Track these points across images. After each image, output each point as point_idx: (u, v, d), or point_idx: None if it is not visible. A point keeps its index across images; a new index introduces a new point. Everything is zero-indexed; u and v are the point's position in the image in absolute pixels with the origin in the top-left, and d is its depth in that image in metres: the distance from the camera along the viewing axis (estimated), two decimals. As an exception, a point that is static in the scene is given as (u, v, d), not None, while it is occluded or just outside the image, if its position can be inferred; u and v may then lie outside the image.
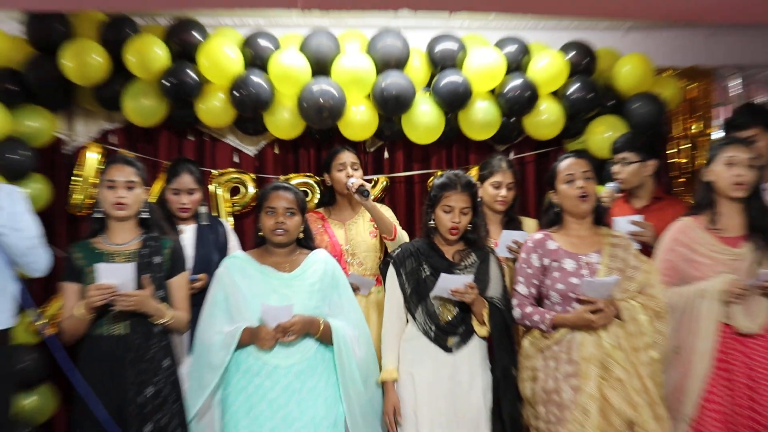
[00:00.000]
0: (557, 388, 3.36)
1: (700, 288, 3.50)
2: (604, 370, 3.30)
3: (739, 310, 3.48)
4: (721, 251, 3.56)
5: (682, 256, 3.62)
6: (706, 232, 3.61)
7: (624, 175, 4.24)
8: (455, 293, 3.41)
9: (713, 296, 3.46)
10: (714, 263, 3.55)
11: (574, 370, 3.33)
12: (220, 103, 4.49)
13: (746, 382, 3.46)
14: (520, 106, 4.65)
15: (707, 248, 3.58)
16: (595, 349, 3.32)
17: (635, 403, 3.26)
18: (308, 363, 3.35)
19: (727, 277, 3.47)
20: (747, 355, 3.48)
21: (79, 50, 4.29)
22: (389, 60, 4.54)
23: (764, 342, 3.49)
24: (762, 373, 3.45)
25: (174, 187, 4.11)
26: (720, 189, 3.60)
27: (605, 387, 3.28)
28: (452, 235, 3.53)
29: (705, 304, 3.47)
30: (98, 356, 3.32)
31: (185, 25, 4.49)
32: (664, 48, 5.26)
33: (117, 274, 3.25)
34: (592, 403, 3.24)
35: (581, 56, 4.77)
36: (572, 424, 3.26)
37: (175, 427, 3.32)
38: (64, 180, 4.63)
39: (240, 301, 3.38)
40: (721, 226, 3.62)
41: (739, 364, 3.47)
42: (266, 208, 3.46)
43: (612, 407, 3.26)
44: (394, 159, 4.94)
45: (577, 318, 3.34)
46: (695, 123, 5.18)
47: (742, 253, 3.54)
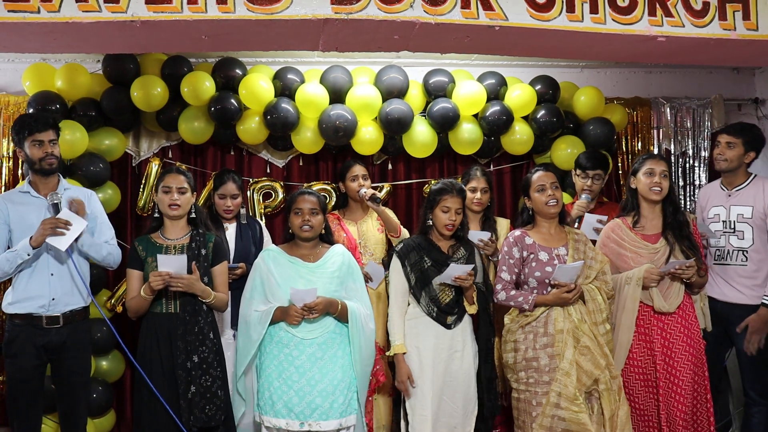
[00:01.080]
0: (536, 357, 3.36)
1: (627, 275, 3.52)
2: (575, 340, 3.32)
3: (657, 293, 3.49)
4: (642, 246, 3.56)
5: (612, 251, 3.60)
6: (631, 231, 3.60)
7: (595, 188, 4.19)
8: (458, 279, 3.38)
9: (635, 282, 3.48)
10: (637, 256, 3.55)
11: (550, 341, 3.34)
12: (256, 125, 4.45)
13: (663, 350, 3.48)
14: (498, 128, 4.59)
15: (631, 244, 3.57)
16: (567, 323, 3.33)
17: (600, 364, 3.29)
18: (328, 336, 3.30)
19: (645, 266, 3.48)
20: (664, 329, 3.50)
21: (145, 83, 4.27)
22: (392, 90, 4.51)
23: (678, 319, 3.51)
24: (676, 344, 3.48)
25: (221, 192, 4.04)
26: (641, 193, 3.60)
27: (576, 354, 3.30)
28: (448, 231, 3.49)
29: (630, 288, 3.49)
30: (156, 329, 3.30)
31: (229, 63, 4.47)
32: (612, 82, 5.26)
33: (173, 264, 3.21)
34: (571, 368, 3.27)
35: (547, 88, 4.71)
36: (557, 384, 3.26)
37: (218, 388, 3.28)
38: (132, 187, 4.60)
39: (273, 286, 3.33)
40: (642, 225, 3.61)
41: (657, 337, 3.50)
42: (294, 209, 3.40)
43: (582, 369, 3.29)
44: (396, 170, 4.89)
45: (555, 298, 3.35)
46: (639, 142, 5.13)
47: (659, 248, 3.54)
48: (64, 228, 3.29)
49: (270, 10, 3.09)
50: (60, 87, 4.24)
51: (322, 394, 3.20)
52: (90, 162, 4.24)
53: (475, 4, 3.25)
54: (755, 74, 5.42)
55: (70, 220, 3.32)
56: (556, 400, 3.26)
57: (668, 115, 5.19)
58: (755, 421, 3.81)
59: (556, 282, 3.34)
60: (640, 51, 3.72)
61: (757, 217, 3.78)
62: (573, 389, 3.23)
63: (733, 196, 3.86)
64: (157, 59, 4.39)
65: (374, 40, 3.44)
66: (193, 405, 3.19)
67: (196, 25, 3.12)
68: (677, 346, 3.46)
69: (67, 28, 3.07)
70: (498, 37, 3.38)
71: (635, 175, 3.62)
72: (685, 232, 3.54)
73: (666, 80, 5.33)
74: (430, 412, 3.37)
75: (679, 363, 3.44)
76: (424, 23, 3.21)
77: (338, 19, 3.13)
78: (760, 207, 3.78)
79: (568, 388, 3.24)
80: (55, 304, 3.38)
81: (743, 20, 3.51)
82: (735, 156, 3.84)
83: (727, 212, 3.87)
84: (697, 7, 3.48)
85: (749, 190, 3.85)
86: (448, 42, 3.50)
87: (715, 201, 3.94)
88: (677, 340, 3.47)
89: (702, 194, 4.12)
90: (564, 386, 3.25)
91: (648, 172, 3.55)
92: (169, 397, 3.21)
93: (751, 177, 3.90)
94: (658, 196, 3.54)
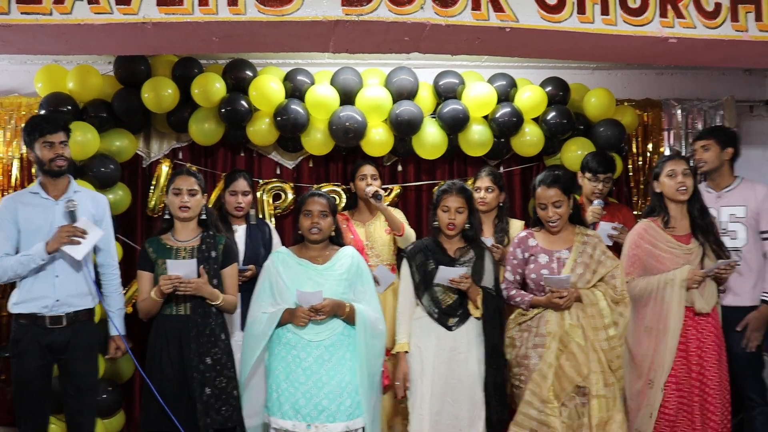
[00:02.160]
0: (527, 355, 3.41)
1: (669, 277, 3.48)
2: (562, 344, 3.33)
3: (698, 295, 3.47)
4: (677, 247, 3.55)
5: (646, 252, 3.58)
6: (663, 232, 3.58)
7: (605, 190, 4.18)
8: (453, 282, 3.38)
9: (678, 284, 3.45)
10: (673, 257, 3.53)
11: (541, 341, 3.38)
12: (266, 127, 4.44)
13: (698, 352, 3.47)
14: (508, 129, 4.58)
15: (666, 245, 3.56)
16: (557, 327, 3.35)
17: (582, 372, 3.28)
18: (336, 338, 3.30)
19: (687, 267, 3.46)
20: (699, 330, 3.49)
21: (156, 85, 4.27)
22: (403, 92, 4.49)
23: (712, 320, 3.52)
24: (710, 345, 3.47)
25: (232, 189, 4.06)
26: (667, 196, 3.59)
27: (561, 358, 3.31)
28: (450, 230, 3.49)
29: (674, 291, 3.45)
30: (167, 331, 3.31)
31: (239, 65, 4.46)
32: (623, 84, 5.23)
33: (183, 268, 3.23)
34: (549, 370, 3.29)
35: (557, 89, 4.70)
36: (532, 383, 3.30)
37: (232, 389, 3.31)
38: (142, 188, 4.61)
39: (282, 288, 3.34)
40: (673, 226, 3.59)
41: (693, 339, 3.48)
42: (304, 211, 3.41)
43: (565, 374, 3.30)
44: (406, 171, 4.87)
45: (547, 301, 3.38)
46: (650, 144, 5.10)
47: (692, 248, 3.54)
48: (81, 237, 3.30)
49: (281, 11, 3.10)
50: (72, 88, 4.25)
51: (329, 396, 3.20)
52: (101, 163, 4.24)
53: (485, 6, 3.25)
54: (767, 76, 5.39)
55: (87, 229, 3.33)
56: (529, 398, 3.31)
57: (679, 116, 5.17)
58: (758, 423, 3.80)
59: (548, 287, 3.36)
60: (652, 52, 3.71)
61: (750, 217, 3.84)
62: (547, 392, 3.26)
63: (723, 198, 3.88)
64: (168, 61, 4.40)
65: (385, 42, 3.44)
66: (209, 407, 3.20)
67: (207, 26, 3.13)
68: (708, 345, 3.47)
69: (79, 30, 3.09)
70: (508, 38, 3.38)
71: (657, 179, 3.62)
72: (712, 231, 3.56)
73: (677, 82, 5.30)
74: (428, 412, 3.37)
75: (710, 363, 3.45)
76: (434, 24, 3.21)
77: (349, 20, 3.13)
78: (753, 206, 3.83)
79: (542, 390, 3.28)
80: (59, 305, 3.37)
81: (756, 21, 3.49)
82: (712, 156, 3.91)
83: (718, 213, 3.88)
84: (709, 8, 3.46)
85: (739, 190, 3.91)
86: (459, 43, 3.49)
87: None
88: (708, 340, 3.48)
89: None
90: (538, 387, 3.29)
91: (670, 173, 3.56)
92: (181, 399, 3.22)
93: (739, 179, 3.96)
94: (685, 196, 3.54)
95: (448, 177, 4.84)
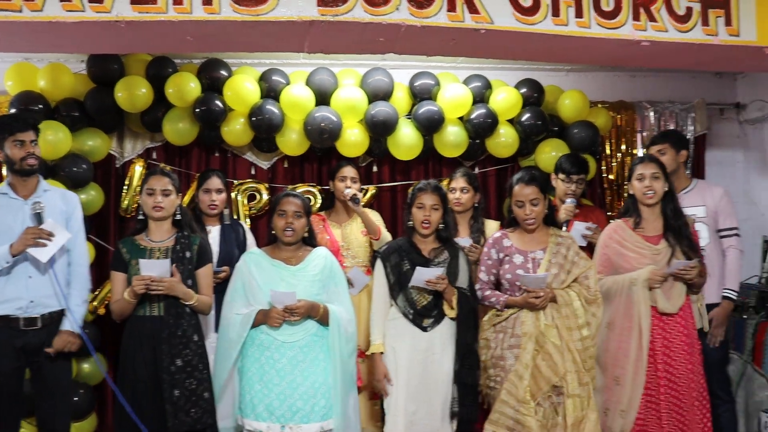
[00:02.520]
0: (502, 356, 3.41)
1: (632, 277, 3.52)
2: (538, 345, 3.34)
3: (661, 294, 3.51)
4: (644, 247, 3.58)
5: (614, 251, 3.63)
6: (632, 232, 3.63)
7: (578, 191, 4.20)
8: (429, 283, 3.37)
9: (641, 284, 3.49)
10: (639, 257, 3.57)
11: (516, 342, 3.38)
12: (241, 127, 4.42)
13: (664, 351, 3.50)
14: (483, 130, 4.60)
15: (633, 245, 3.60)
16: (533, 327, 3.36)
17: (559, 372, 3.30)
18: (309, 339, 3.29)
19: (649, 268, 3.50)
20: (665, 329, 3.52)
21: (129, 84, 4.23)
22: (378, 92, 4.50)
23: (679, 320, 3.54)
24: (678, 345, 3.50)
25: (205, 187, 4.04)
26: (637, 198, 3.64)
27: (537, 358, 3.32)
28: (424, 228, 3.48)
29: (639, 290, 3.49)
30: (140, 333, 3.27)
31: (214, 64, 4.44)
32: (597, 86, 5.26)
33: (156, 268, 3.19)
34: (525, 371, 3.30)
35: (532, 91, 4.73)
36: (508, 383, 3.31)
37: (203, 391, 3.26)
38: (116, 188, 4.57)
39: (255, 289, 3.32)
40: (644, 227, 3.64)
41: (658, 338, 3.51)
42: (278, 211, 3.39)
43: (541, 374, 3.31)
44: (382, 172, 4.87)
45: (523, 301, 3.39)
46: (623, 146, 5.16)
47: (660, 249, 3.57)
48: (46, 239, 3.26)
49: (255, 11, 3.08)
50: (43, 87, 4.20)
51: (303, 397, 3.20)
52: (73, 163, 4.20)
53: (461, 7, 3.26)
54: (737, 79, 5.48)
55: (54, 231, 3.28)
56: (505, 398, 3.32)
57: (652, 118, 5.22)
58: (724, 420, 3.89)
59: (524, 287, 3.38)
60: (625, 55, 3.75)
61: (709, 216, 3.96)
62: (523, 392, 3.28)
63: (682, 199, 3.92)
64: (142, 60, 4.36)
65: (360, 42, 3.43)
66: (178, 408, 3.17)
67: (182, 25, 3.10)
68: (676, 345, 3.50)
69: (51, 28, 3.04)
70: (483, 40, 3.39)
71: (630, 180, 3.68)
72: (685, 233, 3.58)
73: (650, 84, 5.36)
74: (403, 413, 3.37)
75: (678, 362, 3.48)
76: (410, 26, 3.21)
77: (324, 20, 3.12)
78: (711, 206, 3.97)
79: (518, 390, 3.29)
80: (33, 306, 3.32)
81: (725, 26, 3.55)
82: (669, 159, 3.99)
83: None
84: (680, 12, 3.51)
85: (696, 191, 4.04)
86: (434, 44, 3.50)
87: None
88: (676, 340, 3.50)
89: None
90: (514, 387, 3.31)
91: (639, 177, 3.60)
92: (154, 401, 3.19)
93: (694, 181, 4.13)
94: (651, 200, 3.58)
95: (424, 178, 4.84)
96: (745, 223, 5.35)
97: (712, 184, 4.07)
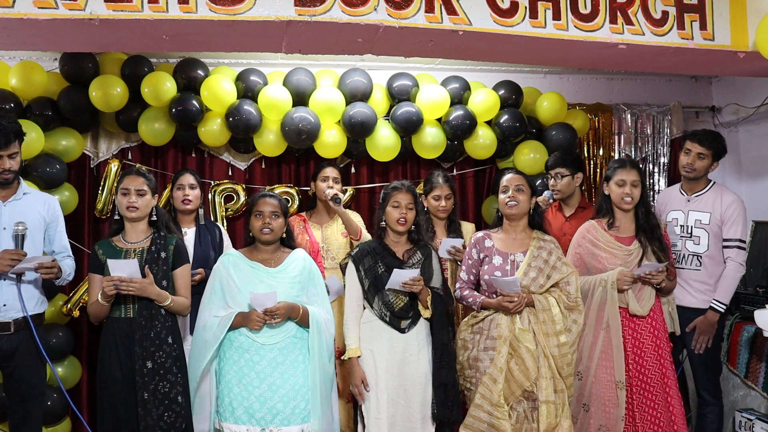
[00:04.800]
0: (478, 357, 3.44)
1: (601, 278, 3.59)
2: (512, 348, 3.35)
3: (631, 296, 3.57)
4: (616, 248, 3.64)
5: (587, 251, 3.69)
6: (606, 232, 3.68)
7: (559, 186, 4.22)
8: (406, 285, 3.37)
9: (610, 285, 3.55)
10: (611, 257, 3.63)
11: (492, 344, 3.41)
12: (218, 127, 4.42)
13: (635, 351, 3.57)
14: (461, 132, 4.63)
15: (606, 245, 3.65)
16: (507, 331, 3.38)
17: (531, 377, 3.31)
18: (289, 341, 3.28)
19: (618, 269, 3.56)
20: (635, 331, 3.60)
21: (104, 83, 4.21)
22: (356, 93, 4.51)
23: (649, 322, 3.61)
24: (648, 347, 3.57)
25: (179, 183, 4.05)
26: (614, 201, 3.69)
27: (511, 361, 3.34)
28: (400, 225, 3.49)
29: (608, 291, 3.54)
30: (115, 334, 3.26)
31: (190, 64, 4.43)
32: (575, 88, 5.35)
33: (124, 268, 3.17)
34: (499, 374, 3.31)
35: (510, 93, 4.77)
36: (482, 387, 3.33)
37: (176, 394, 3.23)
38: (90, 189, 4.54)
39: (233, 290, 3.30)
40: (617, 227, 3.70)
41: (628, 338, 3.58)
42: (255, 212, 3.38)
43: (514, 378, 3.33)
44: (360, 173, 4.90)
45: (498, 304, 3.40)
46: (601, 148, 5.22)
47: (632, 249, 3.63)
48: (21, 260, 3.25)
49: (232, 10, 3.07)
50: (14, 85, 4.16)
51: (284, 400, 3.19)
52: (46, 163, 4.16)
53: (439, 9, 3.27)
54: (712, 83, 5.57)
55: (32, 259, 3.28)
56: (479, 401, 3.34)
57: (629, 121, 5.29)
58: (708, 421, 3.93)
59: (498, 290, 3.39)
60: (602, 58, 3.79)
61: (713, 224, 3.88)
62: (498, 396, 3.29)
63: (693, 202, 3.95)
64: (117, 58, 4.33)
65: (338, 43, 3.44)
66: (148, 412, 3.15)
67: (157, 24, 3.09)
68: (646, 347, 3.55)
69: (22, 25, 3.00)
70: (461, 41, 3.41)
71: (608, 182, 3.70)
72: (656, 234, 3.64)
73: (627, 87, 5.44)
74: (385, 415, 3.37)
75: (648, 363, 3.53)
76: (387, 26, 3.22)
77: (301, 21, 3.12)
78: (717, 214, 3.88)
79: (492, 393, 3.31)
80: (6, 310, 3.30)
81: (700, 30, 3.60)
82: (704, 167, 3.93)
83: (686, 217, 3.96)
84: (656, 16, 3.55)
85: (708, 196, 3.94)
86: (412, 46, 3.52)
87: (674, 205, 4.04)
88: (646, 341, 3.56)
89: (661, 198, 4.22)
90: (489, 390, 3.32)
91: (620, 183, 3.64)
92: (129, 404, 3.17)
93: (710, 184, 3.99)
94: (628, 206, 3.64)
95: (402, 179, 4.84)
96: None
97: (725, 190, 3.98)
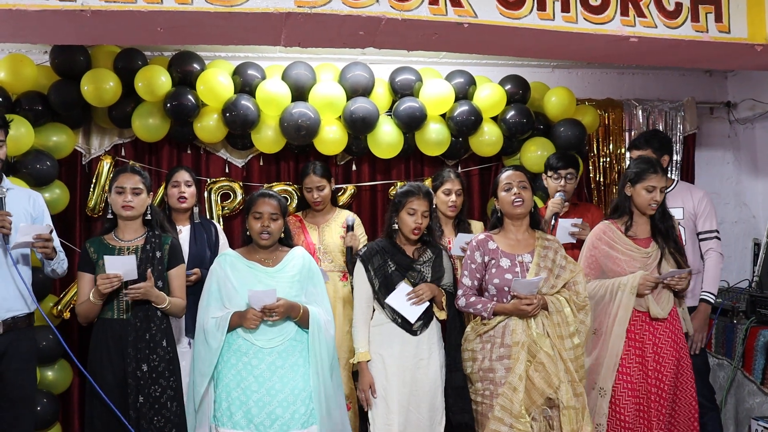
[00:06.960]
0: (491, 368, 3.33)
1: (620, 282, 3.54)
2: (530, 355, 3.29)
3: (651, 300, 3.54)
4: (634, 250, 3.60)
5: (603, 253, 3.64)
6: (622, 234, 3.64)
7: (568, 187, 4.23)
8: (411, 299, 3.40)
9: (629, 290, 3.50)
10: (629, 259, 3.59)
11: (506, 352, 3.30)
12: (214, 123, 4.41)
13: (654, 358, 3.53)
14: (466, 128, 4.61)
15: (624, 247, 3.61)
16: (524, 336, 3.30)
17: (553, 384, 3.25)
18: (288, 344, 3.27)
19: (639, 273, 3.52)
20: (655, 335, 3.56)
21: (96, 77, 4.20)
22: (357, 88, 4.49)
23: (669, 325, 3.59)
24: (667, 351, 3.54)
25: (174, 180, 4.06)
26: (638, 205, 3.63)
27: (530, 369, 3.27)
28: (414, 234, 3.47)
29: (624, 296, 3.51)
30: (107, 336, 3.26)
31: (186, 57, 4.42)
32: (584, 83, 5.33)
33: (122, 265, 3.17)
34: (519, 383, 3.23)
35: (517, 88, 4.75)
36: (502, 398, 3.24)
37: (168, 399, 3.24)
38: (82, 186, 4.53)
39: (231, 291, 3.29)
40: (634, 230, 3.65)
41: (649, 344, 3.54)
42: (254, 213, 3.36)
43: (534, 386, 3.26)
44: (361, 171, 4.88)
45: (514, 308, 3.32)
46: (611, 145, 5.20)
47: (650, 252, 3.60)
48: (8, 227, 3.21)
49: (230, 2, 3.06)
50: (3, 79, 4.15)
51: (283, 404, 3.18)
52: (36, 159, 4.15)
53: (443, 0, 3.26)
54: (727, 77, 5.54)
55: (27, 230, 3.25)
56: (500, 414, 3.23)
57: (640, 117, 5.27)
58: (710, 429, 3.95)
59: (515, 293, 3.33)
60: (612, 51, 3.77)
61: (687, 218, 4.04)
62: (519, 406, 3.19)
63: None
64: (110, 52, 4.32)
65: (339, 36, 3.42)
66: (141, 416, 3.16)
67: (152, 16, 3.07)
68: (666, 351, 3.53)
69: (10, 16, 2.98)
70: (467, 34, 3.39)
71: (633, 184, 3.62)
72: (672, 236, 3.63)
73: (638, 82, 5.41)
74: (396, 422, 3.35)
75: (667, 368, 3.51)
76: (390, 19, 3.20)
77: (301, 13, 3.11)
78: (689, 208, 4.05)
79: (513, 404, 3.21)
80: None
81: (716, 22, 3.57)
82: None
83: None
84: (669, 8, 3.53)
85: (676, 193, 4.11)
86: (416, 39, 3.50)
87: None
88: (666, 345, 3.54)
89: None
90: (509, 401, 3.22)
91: (649, 188, 3.57)
92: (121, 407, 3.17)
93: (675, 182, 4.21)
94: (653, 212, 3.61)
95: (404, 177, 4.88)
96: (735, 225, 5.43)
97: (693, 186, 4.16)
